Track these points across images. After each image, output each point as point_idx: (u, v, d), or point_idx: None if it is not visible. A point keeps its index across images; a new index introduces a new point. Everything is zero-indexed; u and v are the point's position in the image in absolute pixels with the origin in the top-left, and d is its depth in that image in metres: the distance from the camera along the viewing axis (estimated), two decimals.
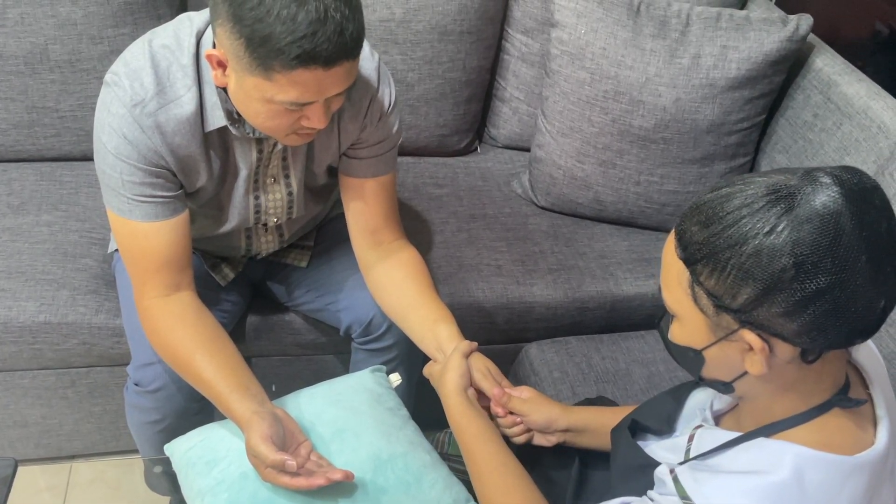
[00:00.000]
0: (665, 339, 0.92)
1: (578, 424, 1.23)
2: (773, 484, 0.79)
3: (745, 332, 0.79)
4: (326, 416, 1.23)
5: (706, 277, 0.79)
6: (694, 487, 0.84)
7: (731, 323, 0.79)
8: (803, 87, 1.87)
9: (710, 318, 0.81)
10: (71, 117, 1.87)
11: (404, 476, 1.18)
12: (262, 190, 1.36)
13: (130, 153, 1.17)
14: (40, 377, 1.68)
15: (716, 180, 1.90)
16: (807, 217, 0.74)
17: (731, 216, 0.77)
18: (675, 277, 0.83)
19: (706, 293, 0.79)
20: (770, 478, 0.80)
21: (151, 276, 1.26)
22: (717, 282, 0.78)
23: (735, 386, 0.87)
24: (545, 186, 1.96)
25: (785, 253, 0.74)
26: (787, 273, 0.74)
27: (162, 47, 1.18)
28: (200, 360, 1.21)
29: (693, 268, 0.80)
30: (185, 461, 1.21)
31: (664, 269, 0.85)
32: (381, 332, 1.50)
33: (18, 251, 1.66)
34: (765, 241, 0.75)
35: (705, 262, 0.78)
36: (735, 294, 0.77)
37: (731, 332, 0.80)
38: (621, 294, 1.81)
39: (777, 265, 0.74)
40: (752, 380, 0.84)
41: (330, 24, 1.00)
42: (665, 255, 0.85)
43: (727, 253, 0.76)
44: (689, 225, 0.80)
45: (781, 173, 0.78)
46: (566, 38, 1.82)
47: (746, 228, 0.76)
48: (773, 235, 0.74)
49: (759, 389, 0.86)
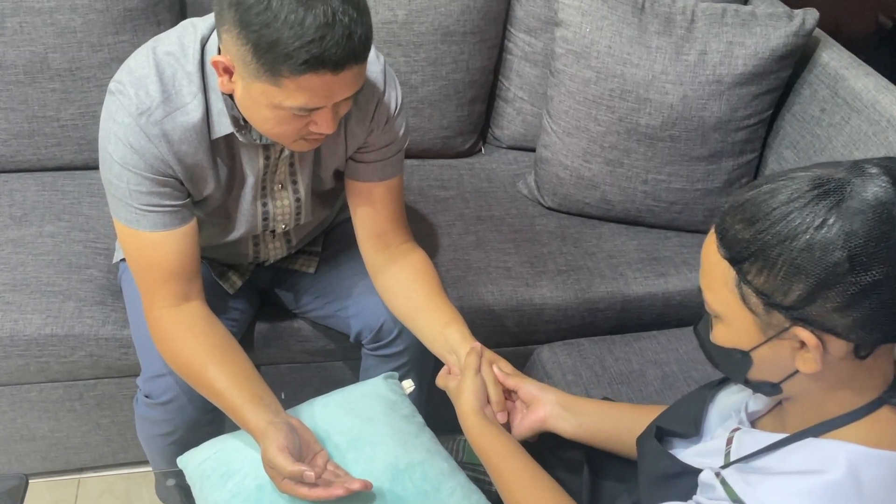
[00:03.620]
0: (704, 344, 0.90)
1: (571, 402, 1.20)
2: (829, 483, 0.78)
3: (798, 330, 0.77)
4: (341, 425, 1.22)
5: (755, 275, 0.77)
6: (746, 490, 0.82)
7: (783, 321, 0.78)
8: (810, 81, 1.86)
9: (759, 318, 0.79)
10: (72, 126, 1.85)
11: (423, 485, 1.16)
12: (269, 196, 1.34)
13: (137, 162, 1.16)
14: (47, 390, 1.66)
15: (724, 177, 1.89)
16: (858, 209, 0.73)
17: (779, 211, 0.76)
18: (719, 278, 0.81)
19: (755, 291, 0.78)
20: (825, 477, 0.78)
21: (160, 287, 1.24)
22: (767, 279, 0.76)
23: (783, 387, 0.85)
24: (552, 187, 1.95)
25: (838, 246, 0.73)
26: (840, 267, 0.73)
27: (166, 54, 1.16)
28: (213, 371, 1.19)
29: (739, 266, 0.78)
30: (199, 474, 1.20)
31: (705, 271, 0.84)
32: (392, 338, 1.49)
33: (22, 263, 1.65)
34: (816, 235, 0.73)
35: (753, 259, 0.77)
36: (787, 291, 0.76)
37: (783, 330, 0.78)
38: (631, 294, 1.79)
39: (830, 259, 0.73)
40: (802, 379, 0.82)
41: (338, 28, 0.98)
42: (706, 256, 0.83)
43: (777, 249, 0.75)
44: (732, 223, 0.79)
45: (824, 167, 0.77)
46: (571, 37, 1.81)
47: (796, 223, 0.74)
48: (825, 229, 0.73)
49: (808, 389, 0.84)
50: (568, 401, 1.21)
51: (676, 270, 1.84)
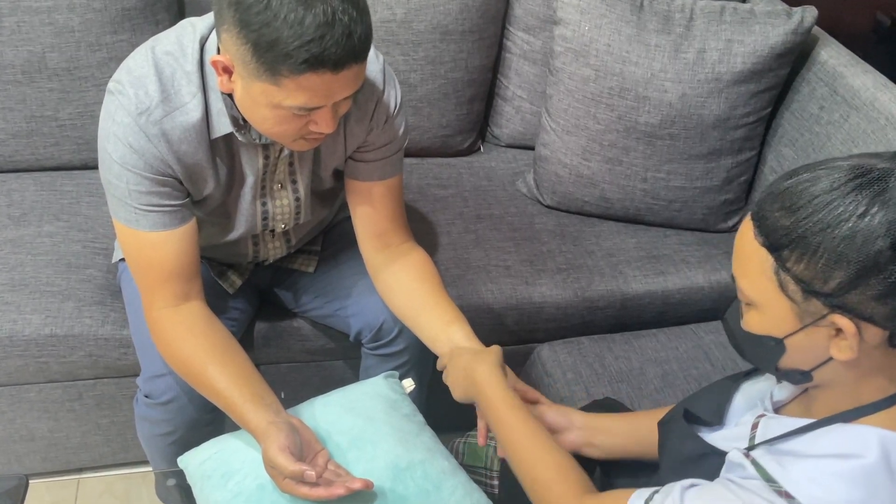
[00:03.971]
0: (733, 332, 0.91)
1: (595, 423, 1.20)
2: (864, 466, 0.79)
3: (836, 317, 0.78)
4: (342, 425, 1.22)
5: (794, 263, 0.78)
6: (779, 470, 0.83)
7: (821, 308, 0.79)
8: (809, 79, 1.86)
9: (797, 305, 0.80)
10: (70, 126, 1.85)
11: (424, 484, 1.16)
12: (269, 196, 1.34)
13: (136, 162, 1.15)
14: (46, 390, 1.66)
15: (723, 175, 1.89)
16: None
17: (821, 199, 0.76)
18: (756, 265, 0.82)
19: (794, 279, 0.79)
20: (860, 461, 0.79)
21: (160, 287, 1.24)
22: (808, 266, 0.77)
23: (814, 375, 0.86)
24: (551, 185, 1.95)
25: (880, 234, 0.74)
26: (882, 255, 0.74)
27: (165, 54, 1.16)
28: (213, 371, 1.19)
29: (779, 254, 0.79)
30: (200, 474, 1.20)
31: (740, 258, 0.84)
32: (392, 337, 1.49)
33: (21, 263, 1.64)
34: (859, 223, 0.74)
35: (793, 247, 0.78)
36: (827, 278, 0.77)
37: (821, 317, 0.79)
38: (631, 292, 1.79)
39: (873, 247, 0.74)
40: (834, 367, 0.83)
41: (338, 27, 0.98)
42: (742, 244, 0.84)
43: (818, 237, 0.76)
44: (771, 211, 0.80)
45: (864, 157, 0.78)
46: (570, 35, 1.81)
47: (839, 211, 0.75)
48: (868, 217, 0.74)
49: (840, 376, 0.85)
50: (592, 426, 1.20)
51: (676, 268, 1.84)
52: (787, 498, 0.80)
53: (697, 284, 1.83)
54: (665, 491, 0.92)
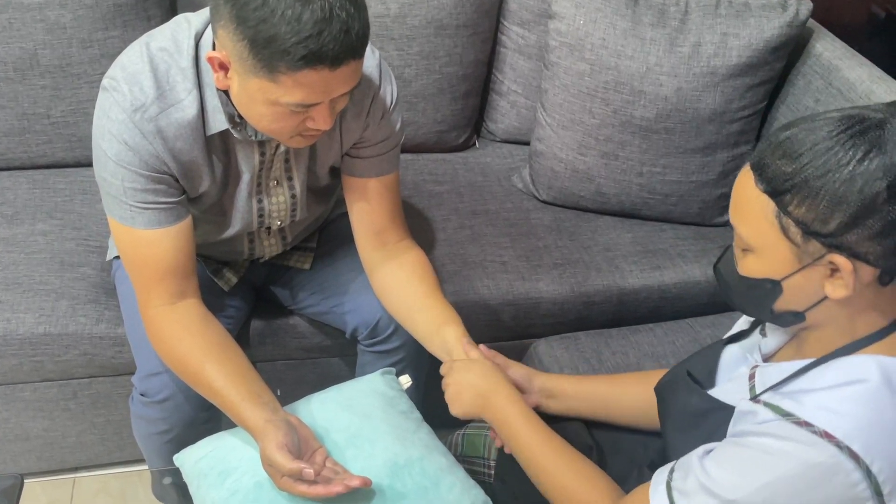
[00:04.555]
0: (726, 280, 0.96)
1: (555, 386, 1.26)
2: (869, 390, 0.84)
3: (834, 256, 0.83)
4: (340, 422, 1.21)
5: (795, 206, 0.83)
6: (793, 405, 0.87)
7: (819, 249, 0.84)
8: (804, 72, 1.86)
9: (797, 247, 0.85)
10: (63, 123, 1.83)
11: (422, 481, 1.16)
12: (265, 193, 1.33)
13: (132, 159, 1.15)
14: (41, 389, 1.65)
15: (718, 169, 1.89)
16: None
17: (821, 146, 0.81)
18: (757, 211, 0.86)
19: (795, 221, 0.83)
20: (864, 384, 0.85)
21: (156, 285, 1.23)
22: (809, 209, 0.82)
23: (808, 315, 0.90)
24: (546, 180, 1.94)
25: (878, 177, 0.79)
26: (880, 196, 0.79)
27: (160, 50, 1.15)
28: (210, 369, 1.18)
29: (780, 198, 0.84)
30: (197, 472, 1.19)
31: (740, 206, 0.88)
32: (389, 334, 1.49)
33: (15, 262, 1.63)
34: (859, 167, 0.79)
35: (795, 191, 0.82)
36: (827, 220, 0.81)
37: (819, 257, 0.84)
38: (628, 287, 1.79)
39: (871, 189, 0.79)
40: (828, 306, 0.88)
41: (335, 24, 0.98)
42: (740, 193, 0.88)
43: (820, 181, 0.81)
44: (772, 159, 0.84)
45: (857, 109, 0.83)
46: (565, 30, 1.80)
47: (839, 157, 0.80)
48: (867, 161, 0.79)
49: (832, 315, 0.89)
50: (550, 387, 1.27)
51: (672, 263, 1.84)
52: (807, 426, 0.84)
53: (694, 279, 1.83)
54: (683, 466, 0.95)
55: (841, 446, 0.81)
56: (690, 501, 0.90)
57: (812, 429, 0.83)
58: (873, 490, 0.82)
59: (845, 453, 0.81)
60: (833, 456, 0.81)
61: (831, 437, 0.82)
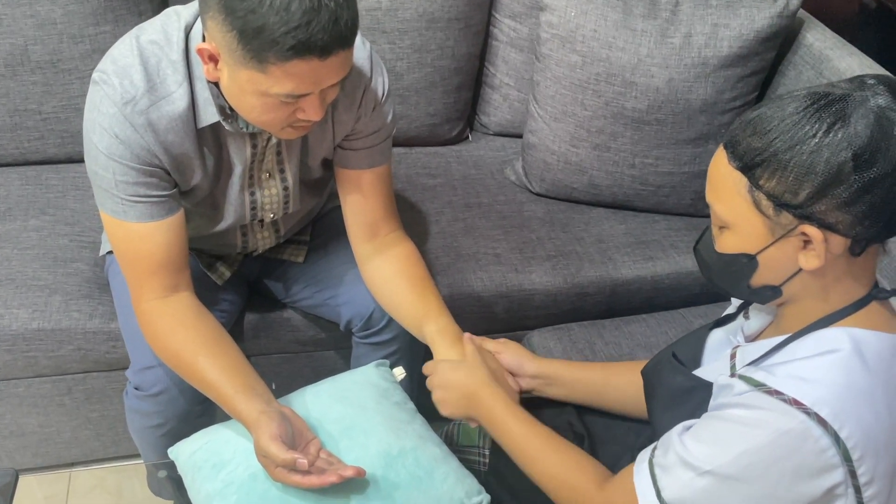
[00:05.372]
0: (705, 259, 0.99)
1: (547, 372, 1.28)
2: (841, 358, 0.87)
3: (805, 227, 0.86)
4: (333, 414, 1.22)
5: (766, 180, 0.86)
6: (765, 376, 0.90)
7: (791, 220, 0.86)
8: (795, 62, 1.86)
9: (769, 219, 0.88)
10: (54, 119, 1.83)
11: (415, 471, 1.16)
12: (257, 186, 1.33)
13: (123, 153, 1.15)
14: (36, 385, 1.65)
15: (710, 160, 1.88)
16: (861, 114, 0.82)
17: (789, 121, 0.84)
18: (731, 187, 0.89)
19: (766, 195, 0.86)
20: (836, 355, 0.88)
21: (149, 279, 1.23)
22: (779, 182, 0.85)
23: (784, 289, 0.93)
24: (539, 172, 1.95)
25: (843, 147, 0.82)
26: (846, 165, 0.82)
27: (150, 43, 1.15)
28: (203, 362, 1.18)
29: (752, 173, 0.87)
30: (191, 464, 1.19)
31: (714, 184, 0.92)
32: (383, 326, 1.49)
33: (7, 258, 1.63)
34: (825, 139, 0.83)
35: (765, 165, 0.85)
36: (797, 190, 0.84)
37: (791, 228, 0.87)
38: (620, 278, 1.80)
39: (837, 159, 0.82)
40: (803, 278, 0.91)
41: (324, 13, 0.98)
42: (715, 172, 0.91)
43: (788, 154, 0.84)
44: (743, 136, 0.87)
45: (821, 87, 0.86)
46: (556, 22, 1.80)
47: (805, 129, 0.83)
48: (832, 133, 0.82)
49: (808, 287, 0.92)
50: (545, 372, 1.29)
51: (665, 254, 1.85)
52: (777, 395, 0.87)
53: (686, 269, 1.83)
54: (664, 443, 0.97)
55: (809, 413, 0.84)
56: (670, 475, 0.93)
57: (782, 397, 0.86)
58: (842, 456, 0.84)
59: (814, 419, 0.84)
60: (802, 422, 0.84)
61: (800, 405, 0.85)
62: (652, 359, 1.17)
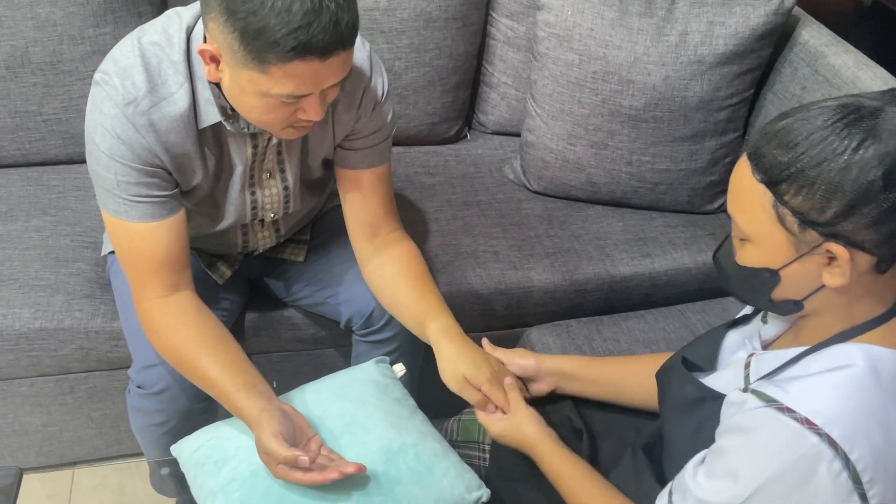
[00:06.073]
0: (726, 270, 0.97)
1: (565, 368, 1.28)
2: (854, 375, 0.85)
3: (831, 245, 0.83)
4: (334, 410, 1.23)
5: (792, 196, 0.83)
6: (777, 391, 0.87)
7: (816, 238, 0.84)
8: (790, 60, 1.87)
9: (794, 236, 0.85)
10: (55, 120, 1.84)
11: (416, 466, 1.17)
12: (257, 185, 1.34)
13: (125, 153, 1.16)
14: (38, 384, 1.66)
15: (707, 157, 1.90)
16: (892, 131, 0.80)
17: (817, 135, 0.81)
18: (754, 201, 0.86)
19: (792, 211, 0.84)
20: (849, 371, 0.86)
21: (150, 278, 1.24)
22: (805, 199, 0.82)
23: (806, 303, 0.91)
24: (537, 170, 1.96)
25: (873, 165, 0.79)
26: (875, 184, 0.79)
27: (151, 44, 1.16)
28: (205, 360, 1.19)
29: (777, 188, 0.84)
30: (194, 462, 1.20)
31: (737, 196, 0.89)
32: (383, 324, 1.50)
33: (9, 258, 1.64)
34: (854, 156, 0.80)
35: (791, 181, 0.83)
36: (823, 208, 0.82)
37: (816, 246, 0.85)
38: (619, 275, 1.81)
39: (866, 177, 0.79)
40: (825, 294, 0.89)
41: (325, 15, 0.99)
42: (738, 183, 0.89)
43: (815, 171, 0.81)
44: (768, 149, 0.85)
45: (852, 97, 0.83)
46: (553, 21, 1.81)
47: (834, 146, 0.80)
48: (862, 150, 0.80)
49: (829, 303, 0.90)
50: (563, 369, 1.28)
51: (662, 250, 1.86)
52: (789, 412, 0.84)
53: (684, 266, 1.84)
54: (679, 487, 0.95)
55: (821, 434, 0.82)
56: None
57: (794, 415, 0.84)
58: (853, 479, 0.82)
59: (825, 441, 0.82)
60: (814, 446, 0.82)
61: (812, 425, 0.83)
62: (667, 360, 1.15)
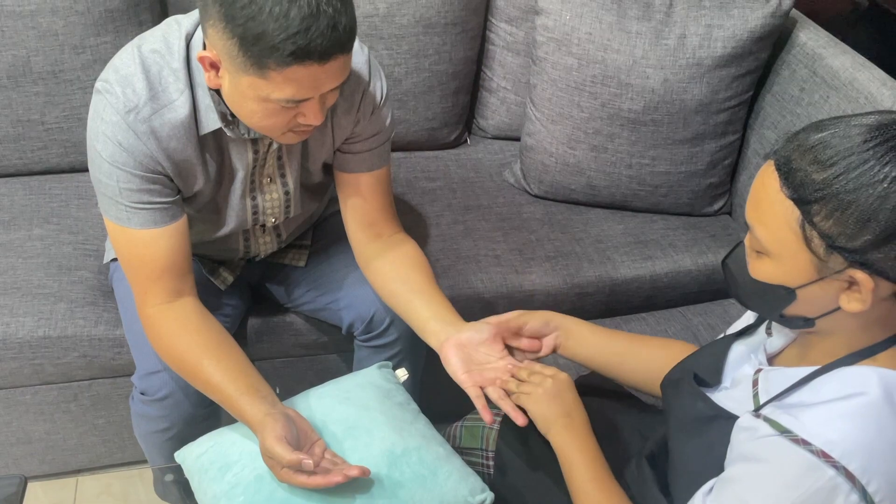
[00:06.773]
0: (734, 278, 0.93)
1: (573, 327, 1.26)
2: (868, 404, 0.82)
3: (855, 272, 0.80)
4: (337, 415, 1.23)
5: (823, 218, 0.79)
6: (791, 421, 0.84)
7: (842, 263, 0.80)
8: (788, 62, 1.88)
9: (818, 258, 0.82)
10: (57, 129, 1.85)
11: (419, 469, 1.17)
12: (258, 191, 1.35)
13: (126, 160, 1.16)
14: (42, 392, 1.66)
15: (707, 159, 1.91)
16: None
17: (856, 158, 0.77)
18: (780, 216, 0.82)
19: (820, 233, 0.80)
20: (863, 398, 0.82)
21: (153, 284, 1.25)
22: (836, 223, 0.78)
23: (818, 322, 0.88)
24: (537, 174, 1.96)
25: None
26: None
27: (152, 52, 1.17)
28: (208, 366, 1.20)
29: (807, 208, 0.80)
30: (198, 467, 1.21)
31: (760, 207, 0.85)
32: (384, 329, 1.50)
33: (12, 266, 1.65)
34: (893, 185, 0.76)
35: (824, 202, 0.79)
36: (855, 235, 0.78)
37: (839, 271, 0.81)
38: (619, 277, 1.81)
39: None
40: (840, 316, 0.85)
41: (323, 19, 0.99)
42: (763, 193, 0.84)
43: (851, 195, 0.77)
44: (801, 164, 0.80)
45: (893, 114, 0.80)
46: (551, 25, 1.82)
47: (873, 172, 0.76)
48: None
49: (843, 325, 0.87)
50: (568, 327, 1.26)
51: (663, 253, 1.86)
52: (804, 444, 0.82)
53: (685, 268, 1.85)
54: None
55: (838, 467, 0.79)
56: None
57: (810, 448, 0.81)
58: None
59: (842, 474, 0.79)
60: (831, 479, 0.80)
61: (828, 458, 0.80)
62: (672, 371, 1.11)
